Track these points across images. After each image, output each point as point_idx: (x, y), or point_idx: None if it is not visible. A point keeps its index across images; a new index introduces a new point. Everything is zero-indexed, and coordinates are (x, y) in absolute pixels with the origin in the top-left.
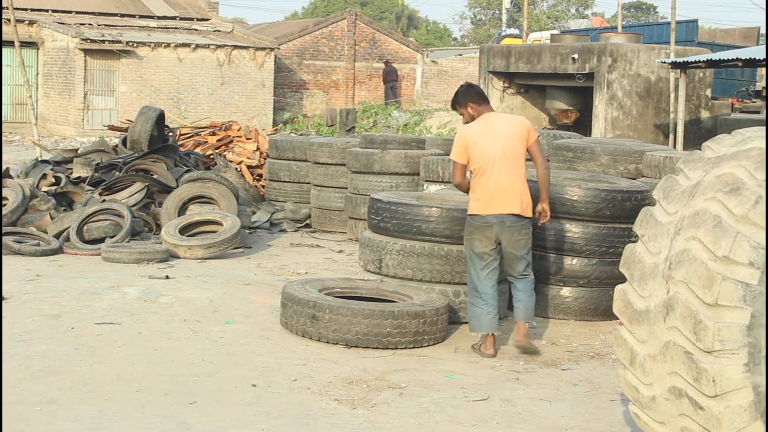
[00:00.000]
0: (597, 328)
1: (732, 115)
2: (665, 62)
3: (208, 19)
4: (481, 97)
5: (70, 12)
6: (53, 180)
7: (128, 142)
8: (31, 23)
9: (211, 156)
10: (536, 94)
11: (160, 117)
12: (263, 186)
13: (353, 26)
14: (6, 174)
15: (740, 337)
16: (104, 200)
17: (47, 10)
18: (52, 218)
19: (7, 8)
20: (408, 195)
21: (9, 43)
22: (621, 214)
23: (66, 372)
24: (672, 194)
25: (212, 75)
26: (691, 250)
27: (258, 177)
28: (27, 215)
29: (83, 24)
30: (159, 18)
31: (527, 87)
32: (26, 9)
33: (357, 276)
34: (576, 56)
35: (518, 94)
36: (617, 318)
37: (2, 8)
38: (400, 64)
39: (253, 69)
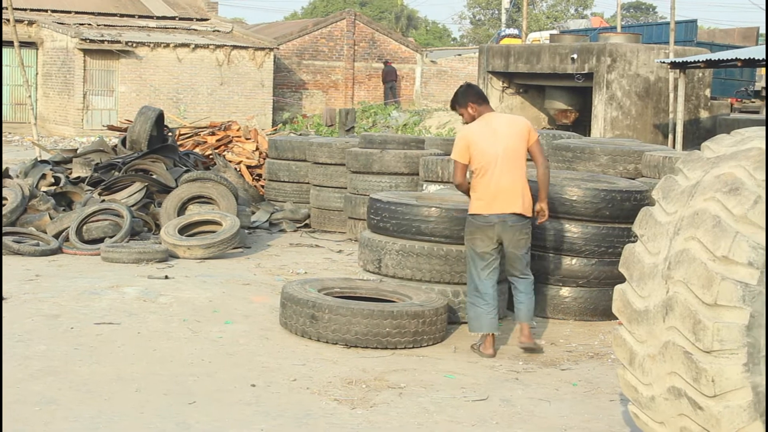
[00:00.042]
0: (596, 328)
1: (731, 115)
2: (664, 62)
3: (208, 19)
4: (481, 97)
5: (70, 12)
6: (52, 180)
7: (127, 142)
8: (31, 23)
9: (211, 156)
10: (535, 94)
11: (160, 117)
12: (262, 186)
13: (352, 26)
14: (5, 174)
15: (739, 337)
16: (103, 200)
17: (46, 10)
18: (52, 218)
19: (7, 8)
20: (407, 195)
21: (8, 43)
22: (620, 214)
23: (65, 372)
24: (671, 194)
25: (211, 75)
26: (691, 250)
27: (257, 177)
28: (26, 215)
29: (82, 24)
30: (158, 18)
31: (526, 87)
32: (25, 9)
33: (356, 276)
34: (575, 56)
35: (517, 94)
36: (616, 318)
37: (2, 8)
38: (400, 64)
39: (253, 69)
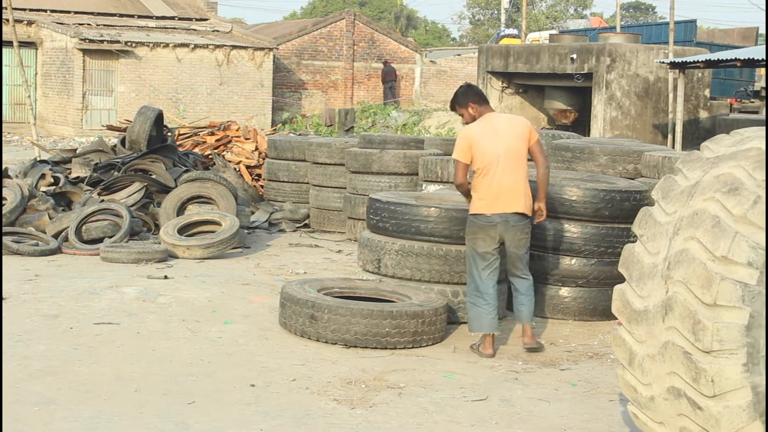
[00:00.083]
0: (596, 328)
1: (731, 115)
2: (664, 62)
3: (207, 19)
4: (482, 98)
5: (69, 12)
6: (52, 180)
7: (127, 142)
8: (30, 23)
9: (210, 156)
10: (535, 94)
11: (159, 117)
12: (262, 186)
13: (352, 26)
14: (5, 174)
15: (739, 337)
16: (103, 200)
17: (46, 10)
18: (51, 218)
19: (6, 8)
20: (407, 195)
21: (7, 43)
22: (620, 214)
23: (64, 372)
24: (671, 194)
25: (211, 75)
26: (690, 250)
27: (257, 177)
28: (25, 215)
29: (82, 24)
30: (158, 18)
31: (526, 87)
32: (25, 9)
33: (356, 276)
34: (575, 56)
35: (517, 94)
36: (616, 318)
37: (1, 8)
38: (399, 64)
39: (252, 69)
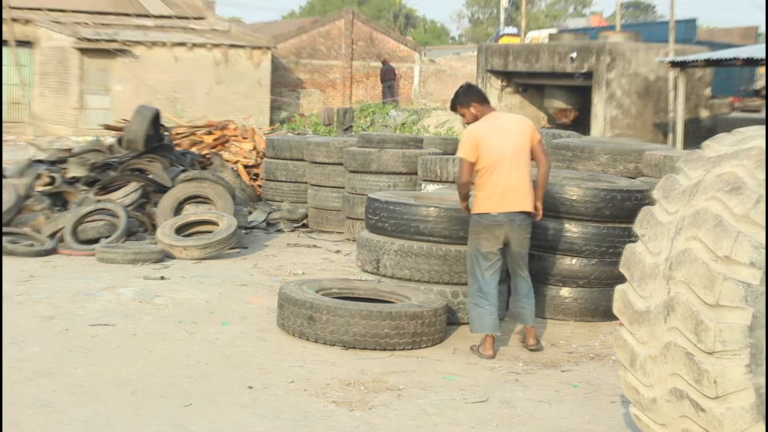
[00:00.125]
0: (597, 329)
1: (731, 114)
2: (664, 61)
3: (205, 18)
4: (483, 97)
5: (66, 11)
6: (48, 180)
7: (124, 142)
8: (27, 22)
9: (208, 155)
10: (535, 93)
11: (156, 116)
12: (260, 186)
13: (350, 25)
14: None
15: (742, 338)
16: (99, 200)
17: (43, 9)
18: (47, 218)
19: (3, 7)
20: (406, 194)
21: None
22: (621, 214)
23: (60, 374)
24: (672, 194)
25: (209, 74)
26: (692, 250)
27: (255, 176)
28: (21, 215)
29: (79, 23)
30: (155, 17)
31: (525, 86)
32: (21, 8)
33: (354, 276)
34: (574, 55)
35: (516, 93)
36: (617, 319)
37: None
38: (398, 63)
39: (250, 68)
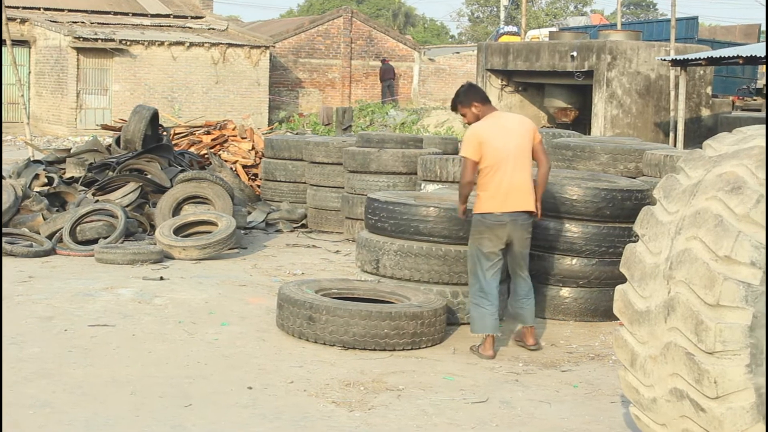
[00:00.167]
0: (597, 329)
1: (733, 113)
2: (665, 60)
3: (203, 17)
4: (484, 97)
5: (63, 10)
6: (46, 180)
7: (122, 142)
8: (23, 21)
9: (206, 155)
10: (535, 92)
11: (154, 116)
12: (259, 186)
13: (349, 24)
14: None
15: (742, 338)
16: (97, 200)
17: (39, 8)
18: (45, 219)
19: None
20: (405, 194)
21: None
22: (621, 214)
23: (59, 374)
24: (673, 193)
25: (207, 73)
26: (693, 250)
27: (253, 177)
28: (19, 216)
29: (76, 22)
30: (152, 16)
31: (526, 85)
32: (18, 7)
33: (354, 277)
34: (575, 54)
35: (516, 92)
36: (617, 319)
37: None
38: (397, 62)
39: (248, 67)
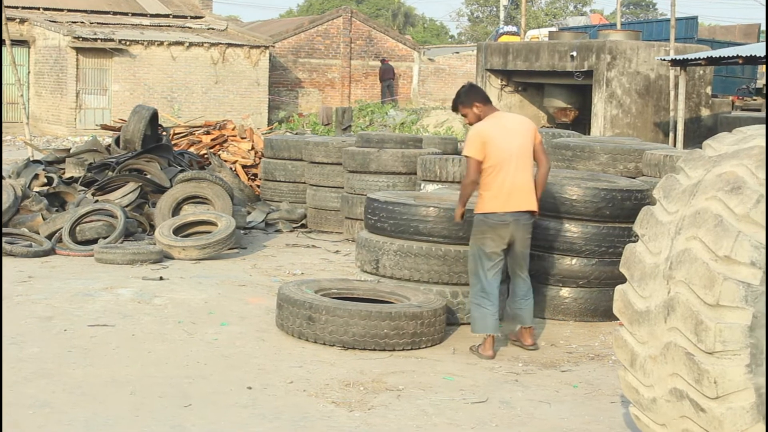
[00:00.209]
0: (597, 329)
1: (732, 113)
2: (665, 60)
3: (202, 17)
4: (485, 97)
5: (62, 10)
6: (45, 180)
7: (121, 142)
8: (22, 21)
9: (206, 155)
10: (534, 92)
11: (154, 116)
12: (258, 186)
13: (349, 24)
14: None
15: (742, 338)
16: (97, 200)
17: (39, 8)
18: (45, 219)
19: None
20: (405, 194)
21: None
22: (621, 214)
23: (59, 374)
24: (672, 193)
25: (206, 73)
26: (692, 250)
27: (253, 177)
28: (19, 216)
29: (75, 22)
30: (152, 16)
31: (525, 85)
32: (17, 7)
33: (354, 277)
34: (574, 54)
35: (516, 92)
36: (617, 319)
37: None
38: (397, 62)
39: (248, 67)
